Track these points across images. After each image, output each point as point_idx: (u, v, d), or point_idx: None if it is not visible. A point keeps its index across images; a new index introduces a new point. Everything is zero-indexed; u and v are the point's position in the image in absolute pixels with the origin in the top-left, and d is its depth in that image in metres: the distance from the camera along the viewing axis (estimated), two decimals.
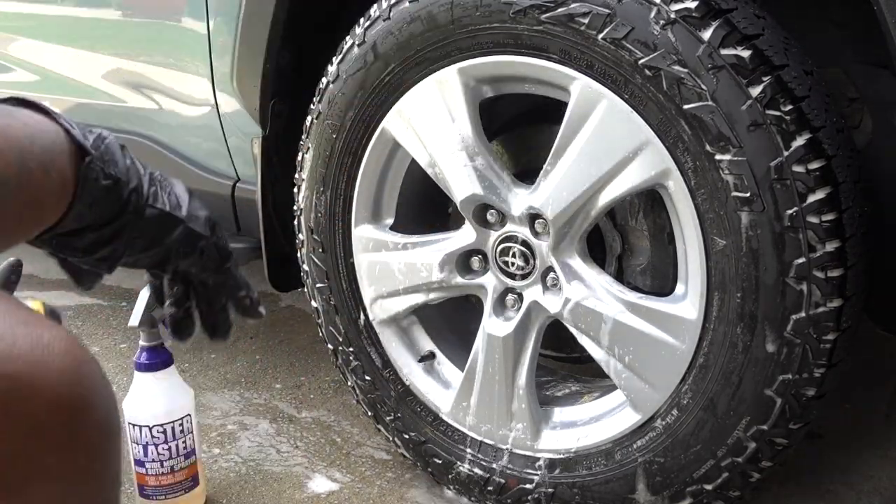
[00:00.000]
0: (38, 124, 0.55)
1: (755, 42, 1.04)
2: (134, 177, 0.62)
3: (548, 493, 1.31)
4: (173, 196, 0.66)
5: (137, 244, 0.64)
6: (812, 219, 1.04)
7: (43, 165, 0.53)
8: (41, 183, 0.53)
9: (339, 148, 1.36)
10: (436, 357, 1.43)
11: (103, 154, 0.59)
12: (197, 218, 0.68)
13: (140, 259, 0.67)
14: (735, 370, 1.11)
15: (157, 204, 0.64)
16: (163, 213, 0.64)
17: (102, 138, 0.60)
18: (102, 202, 0.59)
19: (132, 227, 0.62)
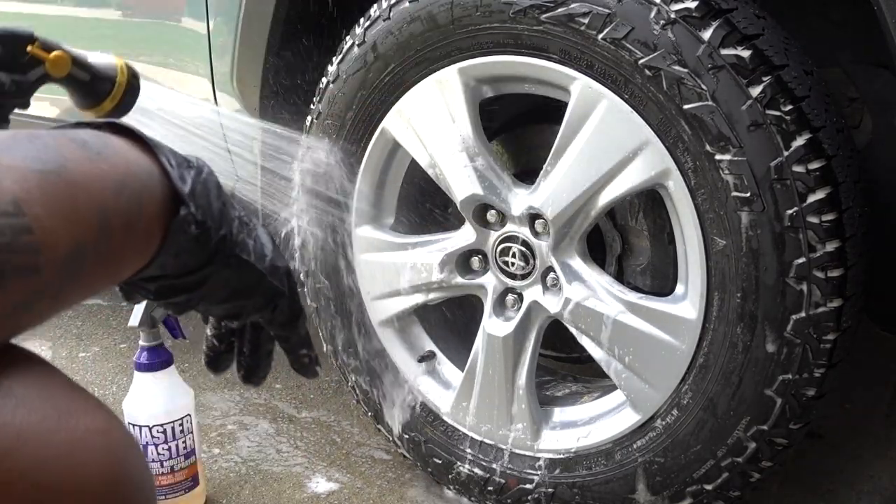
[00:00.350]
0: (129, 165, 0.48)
1: (755, 42, 1.04)
2: (225, 222, 0.56)
3: (548, 493, 1.31)
4: (259, 244, 0.60)
5: (216, 295, 0.59)
6: (812, 219, 1.04)
7: (128, 222, 0.47)
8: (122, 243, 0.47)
9: (339, 148, 1.36)
10: (436, 357, 1.43)
11: (198, 198, 0.52)
12: (277, 270, 0.62)
13: (213, 310, 0.62)
14: (735, 370, 1.11)
15: (242, 253, 0.58)
16: (247, 265, 0.58)
17: (200, 176, 0.53)
18: (188, 253, 0.53)
19: (214, 279, 0.57)
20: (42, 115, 2.00)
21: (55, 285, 0.41)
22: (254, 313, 0.63)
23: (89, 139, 0.47)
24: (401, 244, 1.37)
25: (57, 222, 0.40)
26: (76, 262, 0.42)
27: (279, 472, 1.52)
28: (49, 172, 0.41)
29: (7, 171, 0.39)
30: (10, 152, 0.40)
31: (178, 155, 0.53)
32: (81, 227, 0.42)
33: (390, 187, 1.39)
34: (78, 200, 0.42)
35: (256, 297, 0.61)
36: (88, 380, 1.88)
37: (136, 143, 0.51)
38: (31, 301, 0.40)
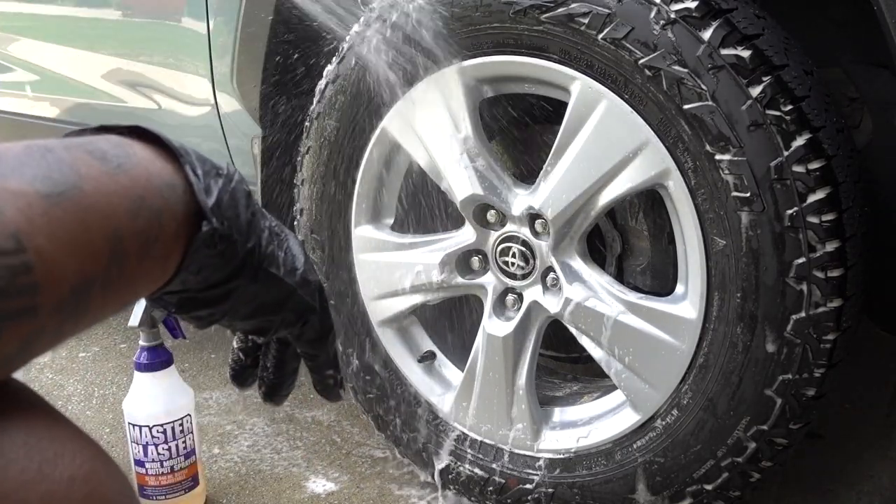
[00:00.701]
0: (150, 179, 0.44)
1: (755, 42, 1.04)
2: (253, 234, 0.52)
3: (548, 494, 1.31)
4: (289, 255, 0.56)
5: (242, 310, 0.55)
6: (812, 219, 1.04)
7: (144, 243, 0.43)
8: (136, 267, 0.43)
9: (339, 148, 1.36)
10: (436, 357, 1.43)
11: (224, 209, 0.49)
12: (308, 284, 0.58)
13: (239, 325, 0.58)
14: (735, 370, 1.11)
15: (271, 267, 0.54)
16: (276, 279, 0.55)
17: (228, 185, 0.50)
18: (212, 267, 0.50)
19: (240, 293, 0.53)
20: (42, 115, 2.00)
21: (55, 323, 0.38)
22: (282, 329, 0.60)
23: (109, 150, 0.43)
24: (401, 244, 1.37)
25: (62, 254, 0.37)
26: (81, 295, 0.39)
27: (279, 472, 1.52)
28: (59, 195, 0.38)
29: (12, 198, 0.36)
30: (20, 173, 0.37)
31: (207, 162, 0.50)
32: (90, 256, 0.39)
33: (390, 187, 1.39)
34: (89, 226, 0.39)
35: (285, 312, 0.58)
36: (88, 380, 1.88)
37: (161, 151, 0.47)
38: (28, 343, 0.37)
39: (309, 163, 1.41)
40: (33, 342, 0.37)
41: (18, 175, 0.37)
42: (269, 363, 0.67)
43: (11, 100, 2.06)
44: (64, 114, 1.97)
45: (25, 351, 0.37)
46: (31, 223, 0.36)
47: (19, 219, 0.36)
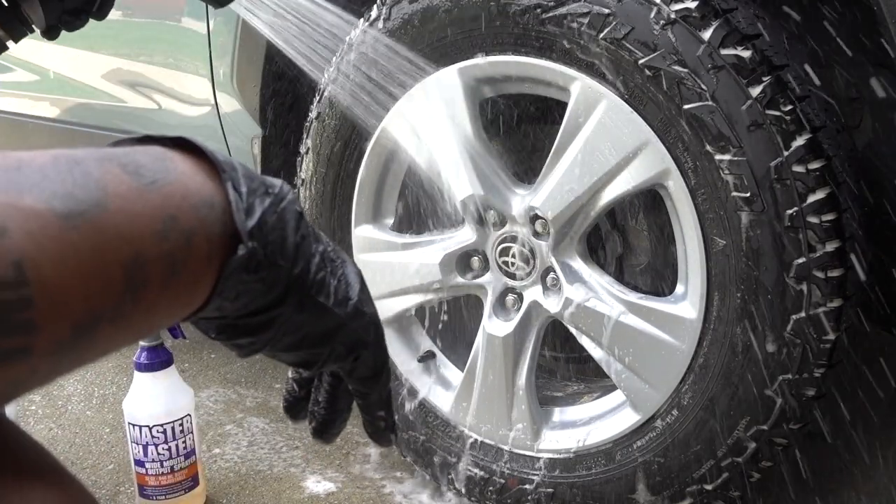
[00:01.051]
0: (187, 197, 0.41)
1: (755, 42, 1.04)
2: (301, 258, 0.48)
3: (548, 494, 1.31)
4: (343, 283, 0.52)
5: (285, 341, 0.50)
6: (812, 219, 1.04)
7: (170, 268, 0.39)
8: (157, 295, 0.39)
9: (339, 148, 1.36)
10: (436, 357, 1.43)
11: (268, 232, 0.45)
12: (361, 316, 0.54)
13: (282, 356, 0.54)
14: (735, 370, 1.11)
15: (320, 296, 0.50)
16: (324, 309, 0.50)
17: (277, 205, 0.46)
18: (252, 294, 0.46)
19: (284, 323, 0.49)
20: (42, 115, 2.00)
21: (50, 364, 0.34)
22: (330, 363, 0.55)
23: (146, 164, 0.40)
24: (401, 244, 1.37)
25: (69, 286, 0.33)
26: (84, 332, 0.35)
27: (278, 472, 1.52)
28: (78, 216, 0.34)
29: (24, 219, 0.32)
30: (39, 188, 0.34)
31: (256, 179, 0.45)
32: (102, 287, 0.35)
33: (390, 187, 1.39)
34: (106, 252, 0.35)
35: (334, 345, 0.53)
36: (88, 380, 1.88)
37: (204, 166, 0.43)
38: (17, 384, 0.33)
39: (309, 163, 1.41)
40: (23, 383, 0.34)
41: (37, 190, 0.33)
42: (320, 398, 0.62)
43: (11, 100, 2.06)
44: (64, 114, 1.97)
45: (12, 391, 0.34)
46: (39, 249, 0.32)
47: (27, 244, 0.32)
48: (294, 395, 0.63)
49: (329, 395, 0.61)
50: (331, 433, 0.63)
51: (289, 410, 0.64)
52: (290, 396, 0.64)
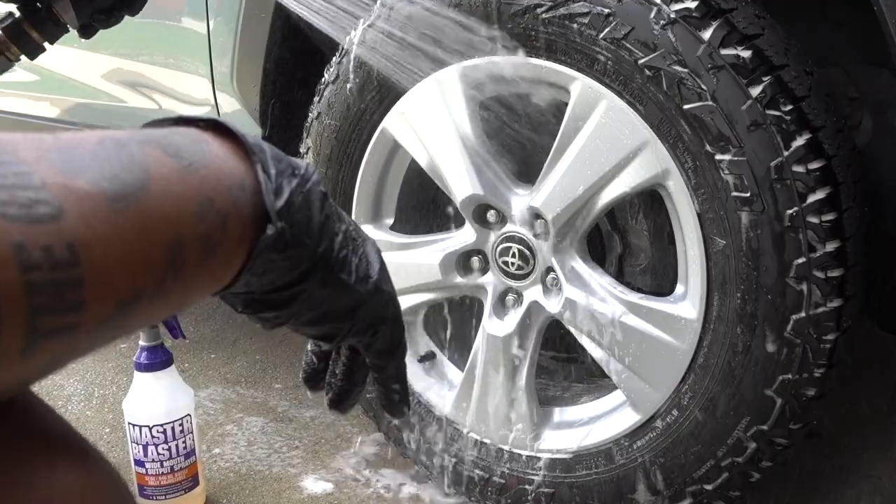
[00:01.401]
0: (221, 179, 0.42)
1: (755, 42, 1.04)
2: (325, 238, 0.50)
3: (548, 494, 1.31)
4: (363, 261, 0.54)
5: (308, 315, 0.53)
6: (812, 219, 1.04)
7: (206, 248, 0.40)
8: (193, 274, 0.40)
9: (339, 148, 1.36)
10: (436, 357, 1.43)
11: (295, 212, 0.47)
12: (381, 293, 0.57)
13: (305, 330, 0.56)
14: (735, 370, 1.11)
15: (342, 273, 0.52)
16: (346, 286, 0.53)
17: (303, 186, 0.48)
18: (278, 271, 0.48)
19: (307, 298, 0.51)
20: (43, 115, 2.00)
21: (90, 339, 0.35)
22: (350, 337, 0.58)
23: (184, 146, 0.41)
24: (401, 244, 1.37)
25: (117, 267, 0.34)
26: (126, 310, 0.36)
27: (278, 472, 1.52)
28: (126, 198, 0.35)
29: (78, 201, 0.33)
30: (89, 171, 0.35)
31: (283, 161, 0.47)
32: (146, 268, 0.36)
33: (390, 187, 1.39)
34: (150, 234, 0.36)
35: (355, 320, 0.56)
36: (88, 380, 1.88)
37: (235, 148, 0.45)
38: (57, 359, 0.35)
39: None
40: (62, 358, 0.35)
41: (89, 173, 0.34)
42: (338, 370, 0.65)
43: (11, 100, 2.06)
44: (64, 114, 1.97)
45: (51, 366, 0.35)
46: (91, 231, 0.33)
47: (80, 226, 0.33)
48: (313, 367, 0.66)
49: (346, 367, 0.64)
50: (347, 404, 0.66)
51: (308, 381, 0.67)
52: (308, 368, 0.66)
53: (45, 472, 0.36)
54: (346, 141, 1.36)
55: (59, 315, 0.32)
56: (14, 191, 0.31)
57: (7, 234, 0.29)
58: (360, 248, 0.54)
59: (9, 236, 0.29)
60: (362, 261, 0.54)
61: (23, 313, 0.30)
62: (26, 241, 0.30)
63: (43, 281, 0.30)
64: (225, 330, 2.06)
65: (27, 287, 0.30)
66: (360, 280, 0.54)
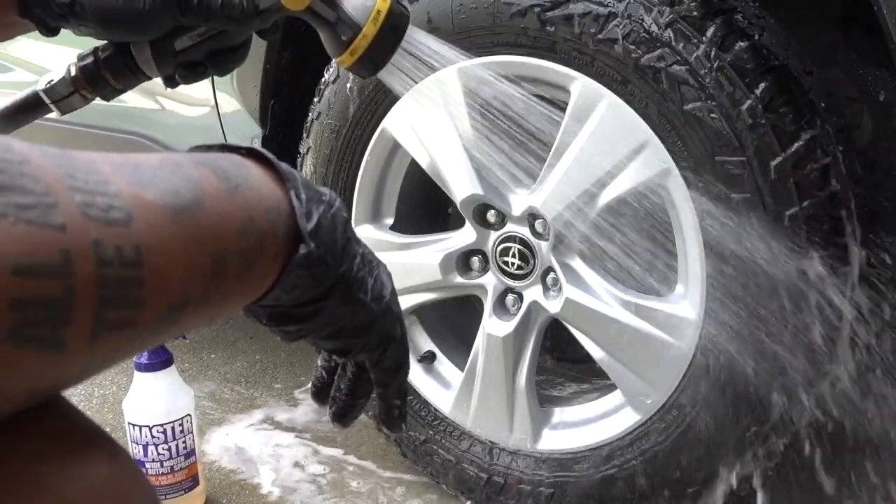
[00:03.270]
0: (262, 201, 0.47)
1: (755, 42, 1.04)
2: (346, 259, 0.55)
3: (547, 494, 1.31)
4: (378, 282, 0.59)
5: (327, 330, 0.58)
6: (812, 218, 1.04)
7: (245, 264, 0.45)
8: (233, 286, 0.45)
9: (339, 148, 1.36)
10: (436, 357, 1.43)
11: (323, 235, 0.51)
12: (391, 313, 0.61)
13: (323, 343, 0.61)
14: (735, 370, 1.11)
15: (360, 292, 0.56)
16: (363, 304, 0.57)
17: (329, 211, 0.52)
18: (304, 287, 0.52)
19: (328, 314, 0.56)
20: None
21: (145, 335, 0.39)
22: (362, 353, 0.62)
23: (231, 170, 0.46)
24: (401, 244, 1.37)
25: (172, 271, 0.38)
26: (177, 313, 0.40)
27: (278, 472, 1.52)
28: (184, 211, 0.40)
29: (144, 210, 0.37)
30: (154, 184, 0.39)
31: (311, 188, 0.51)
32: (195, 275, 0.41)
33: (390, 187, 1.39)
34: (202, 245, 0.41)
35: (368, 337, 0.60)
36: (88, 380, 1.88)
37: (271, 173, 0.49)
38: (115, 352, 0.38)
39: (309, 163, 1.41)
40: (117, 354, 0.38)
41: (153, 188, 0.39)
42: (343, 385, 0.68)
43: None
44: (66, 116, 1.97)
45: (109, 360, 0.38)
46: (155, 237, 0.37)
47: (146, 232, 0.37)
48: (322, 382, 0.69)
49: (352, 383, 0.67)
50: (349, 417, 0.69)
51: (316, 396, 0.70)
52: (318, 383, 0.70)
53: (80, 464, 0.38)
54: (346, 141, 1.36)
55: (121, 309, 0.35)
56: (94, 195, 0.35)
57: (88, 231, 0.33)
58: (374, 270, 0.58)
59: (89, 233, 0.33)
60: (377, 282, 0.58)
61: (93, 302, 0.33)
62: (103, 239, 0.34)
63: (112, 276, 0.34)
64: (225, 330, 2.06)
65: (99, 280, 0.33)
66: (374, 299, 0.58)
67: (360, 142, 1.35)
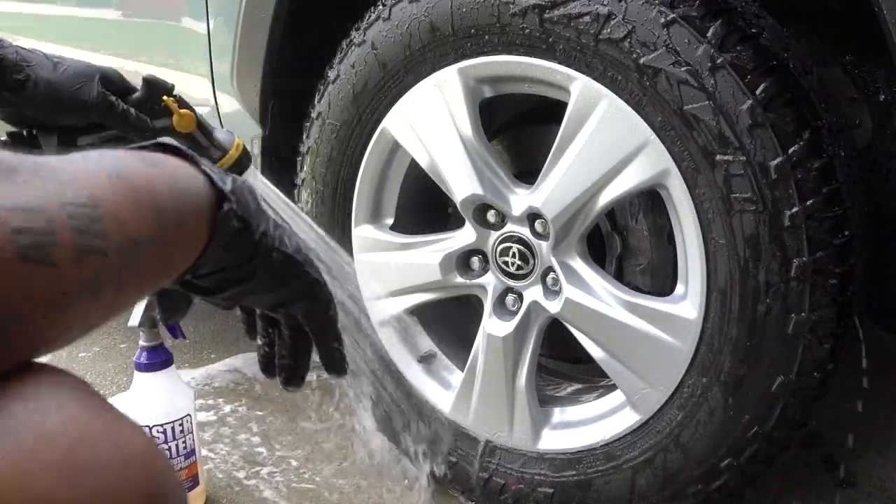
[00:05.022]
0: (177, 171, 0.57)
1: (755, 42, 1.04)
2: (262, 219, 0.63)
3: (548, 494, 1.31)
4: (292, 238, 0.67)
5: (264, 285, 0.66)
6: (812, 218, 1.04)
7: (179, 219, 0.54)
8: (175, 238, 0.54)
9: (339, 148, 1.36)
10: (436, 357, 1.43)
11: (239, 199, 0.60)
12: (310, 262, 0.69)
13: (263, 299, 0.68)
14: (735, 370, 1.11)
15: (283, 246, 0.65)
16: (289, 256, 0.66)
17: (236, 181, 0.61)
18: (236, 245, 0.60)
19: (262, 269, 0.64)
20: None
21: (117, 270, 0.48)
22: (298, 302, 0.69)
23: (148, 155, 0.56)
24: (401, 244, 1.37)
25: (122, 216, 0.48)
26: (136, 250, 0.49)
27: (279, 472, 1.53)
28: (117, 176, 0.50)
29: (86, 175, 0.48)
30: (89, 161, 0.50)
31: (216, 169, 0.61)
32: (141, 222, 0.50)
33: (390, 187, 1.39)
34: (139, 200, 0.50)
35: (298, 285, 0.68)
36: (89, 380, 1.87)
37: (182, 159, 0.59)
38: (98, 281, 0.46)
39: (309, 163, 1.41)
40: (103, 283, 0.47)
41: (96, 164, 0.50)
42: (285, 351, 0.74)
43: None
44: None
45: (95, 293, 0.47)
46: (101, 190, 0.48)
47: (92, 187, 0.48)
48: (267, 356, 0.76)
49: (291, 346, 0.73)
50: (297, 379, 0.75)
51: (266, 370, 0.77)
52: (264, 358, 0.76)
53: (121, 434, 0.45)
54: (346, 141, 1.36)
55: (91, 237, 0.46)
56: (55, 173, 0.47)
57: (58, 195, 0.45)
58: (285, 230, 0.67)
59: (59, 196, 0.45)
60: (291, 238, 0.67)
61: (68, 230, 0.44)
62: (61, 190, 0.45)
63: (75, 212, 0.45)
64: (225, 330, 2.06)
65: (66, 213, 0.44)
66: (295, 251, 0.67)
67: (360, 142, 1.35)
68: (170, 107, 0.97)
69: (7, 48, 0.89)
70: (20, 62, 0.90)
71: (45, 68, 0.92)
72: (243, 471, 1.53)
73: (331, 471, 1.52)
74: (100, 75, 0.97)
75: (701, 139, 1.06)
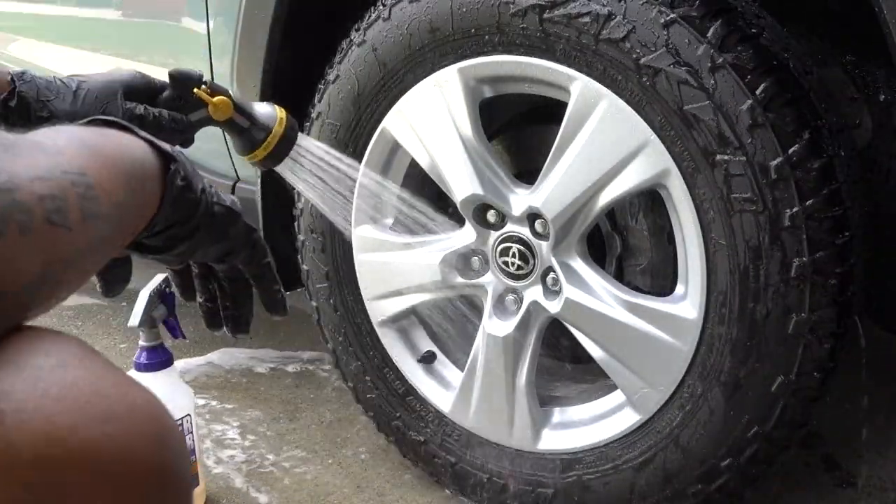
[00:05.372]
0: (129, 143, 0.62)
1: (755, 42, 1.04)
2: (199, 180, 0.68)
3: (547, 494, 1.31)
4: (227, 196, 0.73)
5: (209, 238, 0.71)
6: (812, 219, 1.04)
7: (141, 183, 0.60)
8: (141, 199, 0.60)
9: (339, 148, 1.36)
10: (436, 357, 1.43)
11: (181, 159, 0.65)
12: (244, 213, 0.74)
13: (208, 252, 0.73)
14: (735, 370, 1.11)
15: (221, 201, 0.71)
16: (228, 209, 0.71)
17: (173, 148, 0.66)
18: (182, 202, 0.65)
19: (206, 223, 0.69)
20: None
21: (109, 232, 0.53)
22: (241, 251, 0.75)
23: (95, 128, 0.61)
24: (401, 244, 1.37)
25: (105, 184, 0.53)
26: (118, 212, 0.55)
27: (279, 472, 1.53)
28: (91, 147, 0.55)
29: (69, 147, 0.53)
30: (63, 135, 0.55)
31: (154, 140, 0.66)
32: (118, 187, 0.56)
33: (390, 187, 1.39)
34: (113, 167, 0.56)
35: (239, 235, 0.73)
36: None
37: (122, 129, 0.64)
38: (98, 241, 0.52)
39: None
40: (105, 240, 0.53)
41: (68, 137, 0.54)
42: (228, 302, 0.79)
43: None
44: None
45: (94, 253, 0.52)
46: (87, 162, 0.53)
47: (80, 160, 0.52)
48: (210, 311, 0.81)
49: (233, 295, 0.79)
50: (244, 323, 0.81)
51: (211, 324, 0.82)
52: (208, 313, 0.81)
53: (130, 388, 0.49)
54: (346, 141, 1.36)
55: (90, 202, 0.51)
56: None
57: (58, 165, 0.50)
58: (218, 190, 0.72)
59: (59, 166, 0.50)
60: (223, 196, 0.72)
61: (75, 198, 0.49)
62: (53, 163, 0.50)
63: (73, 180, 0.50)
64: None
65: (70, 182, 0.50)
66: (231, 204, 0.72)
67: (360, 142, 1.35)
68: (203, 98, 0.94)
69: (28, 82, 0.88)
70: (41, 98, 0.89)
71: (66, 100, 0.90)
72: (244, 470, 1.53)
73: (331, 471, 1.52)
74: (122, 89, 0.93)
75: (701, 139, 1.06)
